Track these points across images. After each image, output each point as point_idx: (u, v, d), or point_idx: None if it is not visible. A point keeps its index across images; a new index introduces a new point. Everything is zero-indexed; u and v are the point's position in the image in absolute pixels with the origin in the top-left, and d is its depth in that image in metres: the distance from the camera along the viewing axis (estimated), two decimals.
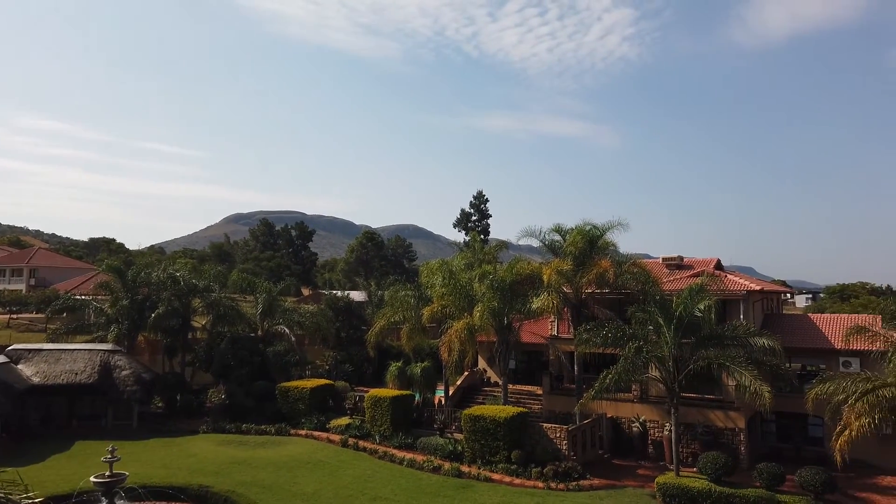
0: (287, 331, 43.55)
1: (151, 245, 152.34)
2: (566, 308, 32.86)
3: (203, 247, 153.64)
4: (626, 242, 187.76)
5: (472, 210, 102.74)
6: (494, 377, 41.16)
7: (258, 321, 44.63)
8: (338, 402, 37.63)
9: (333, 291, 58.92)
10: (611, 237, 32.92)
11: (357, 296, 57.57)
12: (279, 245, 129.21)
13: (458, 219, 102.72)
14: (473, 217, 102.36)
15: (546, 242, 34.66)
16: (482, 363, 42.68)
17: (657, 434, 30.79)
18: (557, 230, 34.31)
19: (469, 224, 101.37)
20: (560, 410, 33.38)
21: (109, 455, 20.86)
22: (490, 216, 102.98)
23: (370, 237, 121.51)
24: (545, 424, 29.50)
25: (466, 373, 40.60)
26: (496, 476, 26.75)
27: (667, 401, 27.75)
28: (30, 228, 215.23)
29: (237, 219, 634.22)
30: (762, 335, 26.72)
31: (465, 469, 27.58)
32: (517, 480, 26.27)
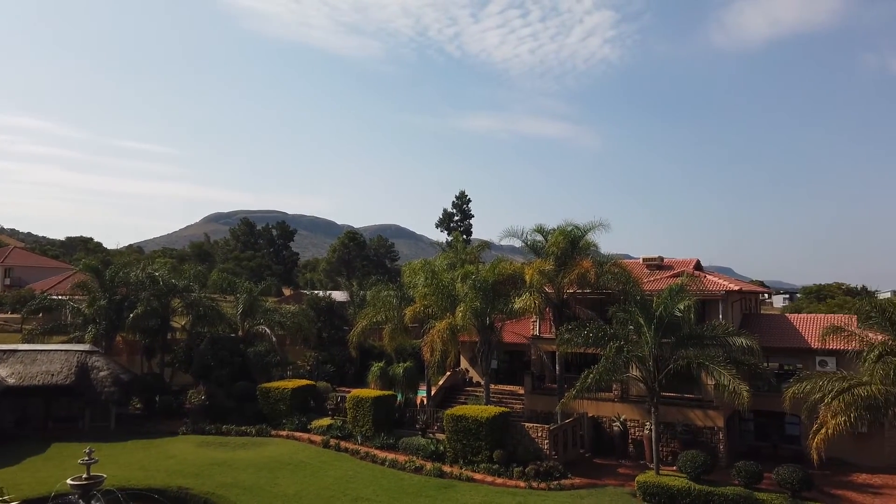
0: (268, 331, 43.21)
1: (130, 244, 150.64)
2: (548, 308, 33.05)
3: (183, 246, 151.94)
4: (608, 243, 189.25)
5: (455, 210, 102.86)
6: (477, 377, 41.26)
7: (239, 321, 44.28)
8: (319, 403, 37.45)
9: (315, 291, 58.79)
10: (592, 237, 33.26)
11: (339, 296, 57.40)
12: (260, 245, 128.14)
13: (441, 219, 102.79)
14: (456, 217, 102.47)
15: (528, 243, 34.84)
16: (464, 363, 42.76)
17: (638, 433, 31.03)
18: (539, 230, 34.52)
19: (451, 224, 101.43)
20: (542, 410, 33.52)
21: (87, 457, 20.56)
22: (472, 216, 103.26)
23: (352, 237, 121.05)
24: (527, 424, 29.58)
25: (449, 373, 40.71)
26: (478, 476, 26.77)
27: (647, 400, 28.00)
28: (4, 227, 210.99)
29: (217, 218, 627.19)
30: (741, 335, 27.04)
31: (448, 469, 27.57)
32: (499, 480, 26.32)
